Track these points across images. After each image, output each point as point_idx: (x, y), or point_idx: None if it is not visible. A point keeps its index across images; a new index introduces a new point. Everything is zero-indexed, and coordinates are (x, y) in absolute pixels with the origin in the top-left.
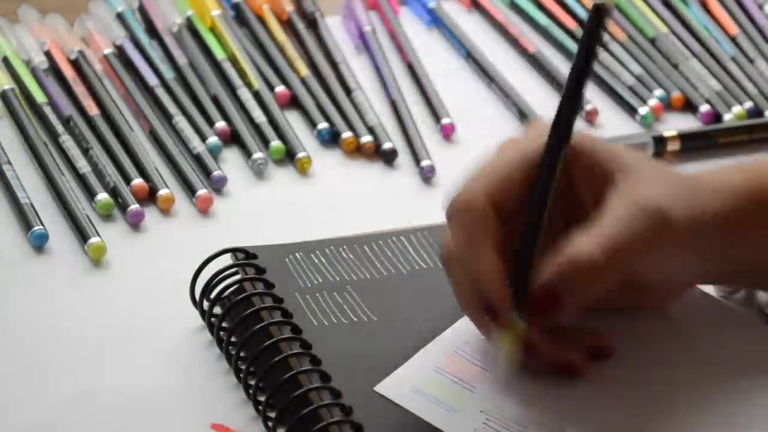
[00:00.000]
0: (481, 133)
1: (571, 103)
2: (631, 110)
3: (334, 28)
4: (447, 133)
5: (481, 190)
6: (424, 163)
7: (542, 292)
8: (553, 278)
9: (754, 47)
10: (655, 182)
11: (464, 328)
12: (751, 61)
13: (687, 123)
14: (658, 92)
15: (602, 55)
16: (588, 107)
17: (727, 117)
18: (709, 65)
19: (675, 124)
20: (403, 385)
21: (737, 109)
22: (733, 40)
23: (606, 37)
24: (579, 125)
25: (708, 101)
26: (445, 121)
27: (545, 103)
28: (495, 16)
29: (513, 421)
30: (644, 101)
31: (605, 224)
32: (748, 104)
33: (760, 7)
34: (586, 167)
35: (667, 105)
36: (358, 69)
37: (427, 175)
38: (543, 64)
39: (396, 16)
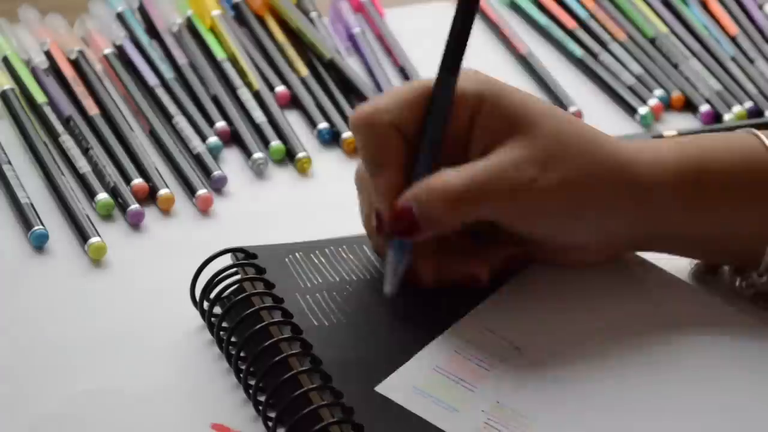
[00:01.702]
0: None
1: (462, 30)
2: (631, 110)
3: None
4: None
5: (384, 108)
6: None
7: (396, 212)
8: (408, 198)
9: (754, 47)
10: (552, 144)
11: (465, 328)
12: (751, 61)
13: (687, 123)
14: (658, 92)
15: (602, 55)
16: (572, 109)
17: (728, 117)
18: (709, 65)
19: (675, 124)
20: (404, 386)
21: (737, 108)
22: (733, 40)
23: (606, 37)
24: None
25: (708, 101)
26: None
27: None
28: (490, 16)
29: (514, 421)
30: (644, 101)
31: (479, 164)
32: (749, 104)
33: (760, 7)
34: (490, 114)
35: (667, 105)
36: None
37: None
38: (533, 66)
39: (382, 18)
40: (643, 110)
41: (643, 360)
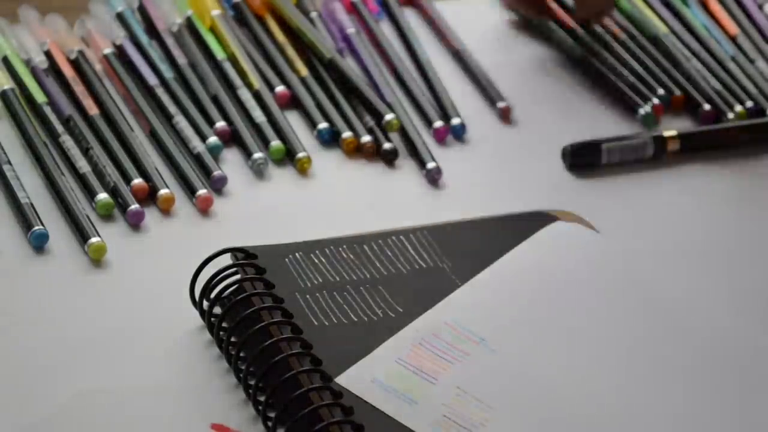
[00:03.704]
0: (475, 135)
1: None
2: (632, 110)
3: None
4: (440, 136)
5: None
6: (430, 165)
7: None
8: None
9: (754, 47)
10: None
11: (432, 320)
12: (752, 61)
13: (688, 123)
14: (659, 92)
15: (603, 54)
16: (501, 104)
17: (729, 116)
18: (710, 65)
19: (676, 124)
20: (365, 377)
21: (738, 108)
22: (733, 40)
23: (607, 37)
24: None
25: (709, 101)
26: (437, 124)
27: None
28: (425, 11)
29: (472, 414)
30: (645, 101)
31: None
32: (749, 104)
33: (760, 7)
34: None
35: (668, 105)
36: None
37: (434, 177)
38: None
39: (375, 18)
40: (643, 110)
41: (611, 350)
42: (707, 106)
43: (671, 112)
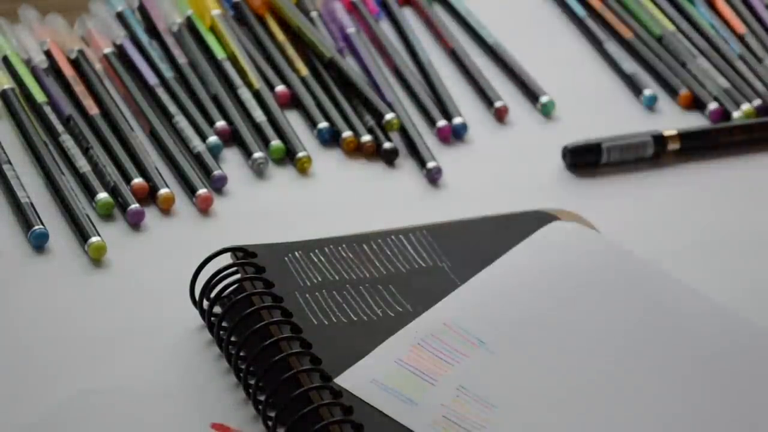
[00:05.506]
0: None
1: None
2: (638, 104)
3: None
4: (444, 135)
5: None
6: (431, 164)
7: None
8: None
9: (761, 46)
10: None
11: (431, 321)
12: (759, 60)
13: (695, 121)
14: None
15: (607, 43)
16: (498, 104)
17: (736, 114)
18: (717, 63)
19: (683, 122)
20: (364, 377)
21: (746, 106)
22: (741, 38)
23: (612, 35)
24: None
25: (716, 99)
26: (440, 123)
27: (517, 103)
28: (422, 11)
29: (472, 415)
30: (641, 90)
31: None
32: (757, 102)
33: (767, 6)
34: None
35: (675, 102)
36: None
37: (434, 177)
38: (462, 60)
39: (375, 18)
40: (544, 99)
41: (612, 349)
42: (714, 105)
43: (680, 109)
